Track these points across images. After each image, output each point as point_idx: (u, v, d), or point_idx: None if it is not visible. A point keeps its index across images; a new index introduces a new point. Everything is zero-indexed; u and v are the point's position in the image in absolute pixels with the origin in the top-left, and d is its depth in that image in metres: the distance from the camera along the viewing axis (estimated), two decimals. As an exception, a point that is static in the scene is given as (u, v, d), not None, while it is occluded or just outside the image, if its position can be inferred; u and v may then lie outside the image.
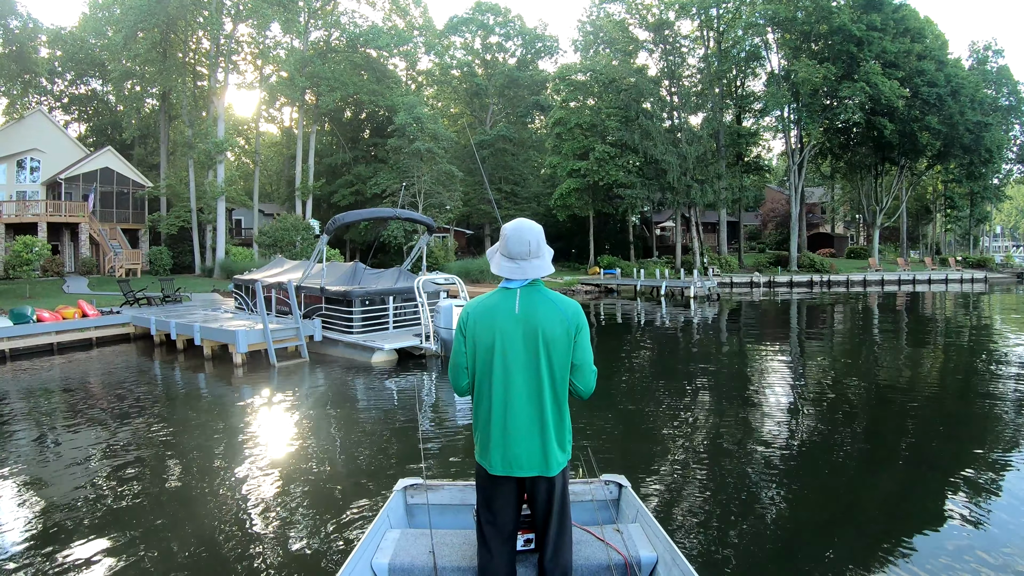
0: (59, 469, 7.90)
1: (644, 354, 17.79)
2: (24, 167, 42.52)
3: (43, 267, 33.93)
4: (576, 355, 3.07)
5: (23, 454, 8.58)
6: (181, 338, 17.15)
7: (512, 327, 3.03)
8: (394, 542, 3.68)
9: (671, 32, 49.45)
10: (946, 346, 18.46)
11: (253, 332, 14.77)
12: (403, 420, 10.04)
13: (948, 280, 47.15)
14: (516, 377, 3.02)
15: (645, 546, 3.61)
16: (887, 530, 5.95)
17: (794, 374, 14.12)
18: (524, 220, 3.18)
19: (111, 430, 9.68)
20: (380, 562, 3.48)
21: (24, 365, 15.79)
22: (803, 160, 50.48)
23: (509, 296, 3.08)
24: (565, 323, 3.03)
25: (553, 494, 3.08)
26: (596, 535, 3.71)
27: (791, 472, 7.54)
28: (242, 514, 6.40)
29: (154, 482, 7.40)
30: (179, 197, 44.11)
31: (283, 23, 41.49)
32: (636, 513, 4.02)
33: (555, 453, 3.03)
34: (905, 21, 47.06)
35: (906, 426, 9.83)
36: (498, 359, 3.03)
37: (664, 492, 6.89)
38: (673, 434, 9.31)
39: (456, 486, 4.29)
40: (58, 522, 6.17)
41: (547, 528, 3.12)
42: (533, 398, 3.01)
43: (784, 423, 9.78)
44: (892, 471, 7.70)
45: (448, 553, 3.54)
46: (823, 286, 43.83)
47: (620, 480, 4.36)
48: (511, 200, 55.25)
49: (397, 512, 4.12)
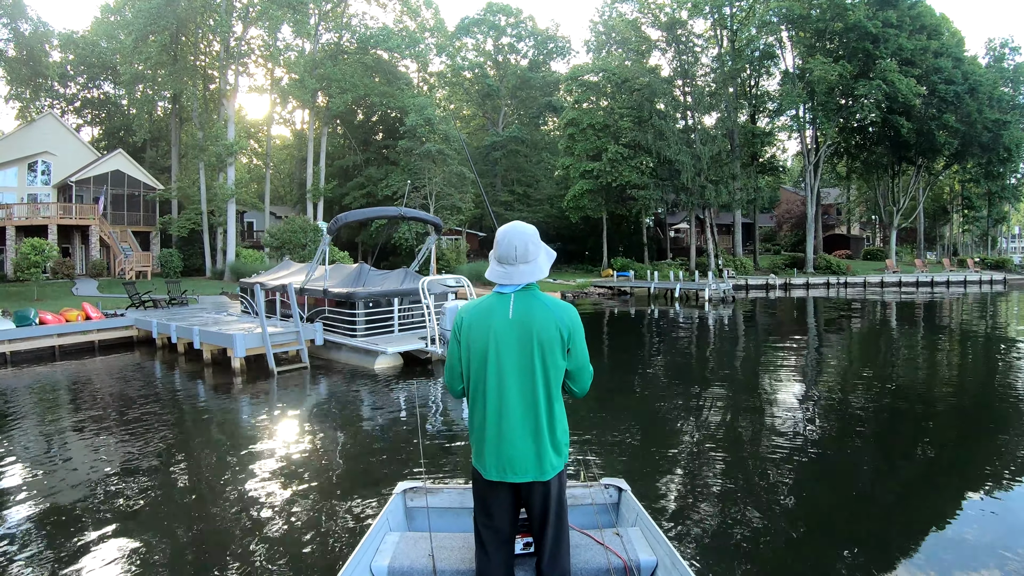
0: (39, 475, 7.61)
1: (654, 358, 17.36)
2: (35, 170, 42.62)
3: (53, 269, 33.95)
4: (572, 359, 3.03)
5: (4, 463, 8.31)
6: (182, 342, 16.84)
7: (506, 331, 2.97)
8: (393, 545, 3.67)
9: (684, 31, 48.98)
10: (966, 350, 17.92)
11: (252, 336, 14.39)
12: (403, 424, 9.91)
13: (967, 282, 46.43)
14: (510, 382, 2.96)
15: (645, 550, 3.57)
16: (893, 538, 5.86)
17: (805, 380, 13.75)
18: (515, 224, 3.11)
19: (98, 436, 9.44)
20: (379, 565, 3.46)
21: (23, 369, 15.55)
22: (819, 160, 49.84)
23: (503, 300, 3.03)
24: (559, 327, 2.96)
25: (549, 498, 3.03)
26: (596, 539, 3.68)
27: (794, 478, 7.41)
28: (238, 518, 6.36)
29: (148, 488, 7.25)
30: (190, 200, 43.99)
31: (294, 25, 41.32)
32: (636, 517, 3.98)
33: (550, 457, 2.99)
34: (921, 18, 46.35)
35: (918, 433, 9.53)
36: (492, 364, 2.98)
37: (665, 496, 6.81)
38: (677, 438, 9.22)
39: (456, 489, 4.27)
40: (49, 526, 6.05)
41: (544, 532, 3.07)
42: (528, 403, 2.96)
43: (791, 429, 9.51)
44: (902, 478, 7.48)
45: (448, 556, 3.51)
46: (840, 288, 43.25)
47: (620, 484, 4.31)
48: (523, 202, 54.86)
49: (397, 515, 4.11)
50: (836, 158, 56.00)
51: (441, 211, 43.83)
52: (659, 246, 59.20)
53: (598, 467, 7.51)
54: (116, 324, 19.35)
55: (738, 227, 53.09)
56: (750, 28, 49.07)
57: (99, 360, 16.86)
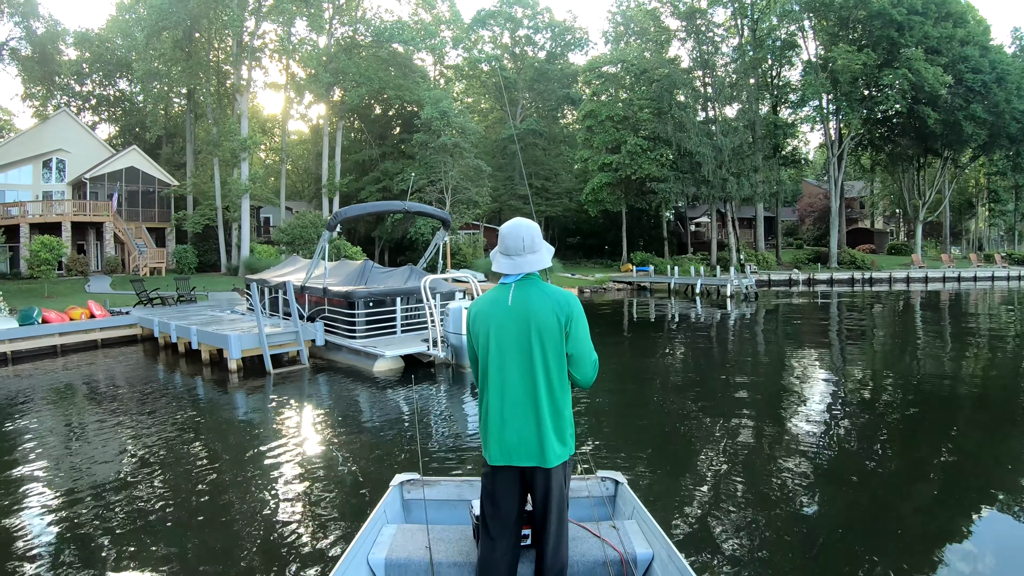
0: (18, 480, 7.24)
1: (671, 353, 16.82)
2: (50, 167, 42.59)
3: (67, 266, 33.86)
4: (571, 345, 3.08)
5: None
6: (182, 341, 16.42)
7: (505, 319, 3.08)
8: (391, 537, 3.66)
9: (704, 21, 48.07)
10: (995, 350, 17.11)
11: (248, 336, 13.90)
12: (398, 424, 9.80)
13: (995, 277, 45.28)
14: (511, 367, 3.05)
15: (641, 543, 3.58)
16: (893, 531, 5.78)
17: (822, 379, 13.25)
18: (519, 219, 3.24)
19: (82, 439, 9.23)
20: (377, 557, 3.47)
21: (23, 368, 15.25)
22: (842, 152, 48.74)
23: (504, 290, 3.15)
24: (556, 312, 3.04)
25: (551, 488, 3.05)
26: (592, 531, 3.68)
27: (793, 473, 7.30)
28: (234, 512, 6.38)
29: (144, 486, 7.21)
30: (205, 195, 43.82)
31: (308, 19, 40.93)
32: (632, 510, 3.97)
33: (552, 444, 3.01)
34: (947, 5, 44.98)
35: (936, 437, 8.99)
36: (493, 351, 3.08)
37: (662, 489, 6.79)
38: (678, 432, 9.18)
39: (453, 481, 4.24)
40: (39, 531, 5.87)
41: (545, 523, 3.10)
42: (528, 388, 3.03)
43: (796, 426, 9.29)
44: (905, 476, 7.27)
45: (445, 548, 3.51)
46: (864, 284, 42.33)
47: (617, 477, 4.30)
48: (542, 195, 54.12)
49: (394, 507, 4.09)
50: (860, 150, 54.74)
51: (458, 205, 43.31)
52: (679, 240, 58.33)
53: (596, 459, 7.23)
54: (119, 323, 19.05)
55: (760, 221, 52.12)
56: (771, 17, 47.99)
57: (99, 360, 16.53)
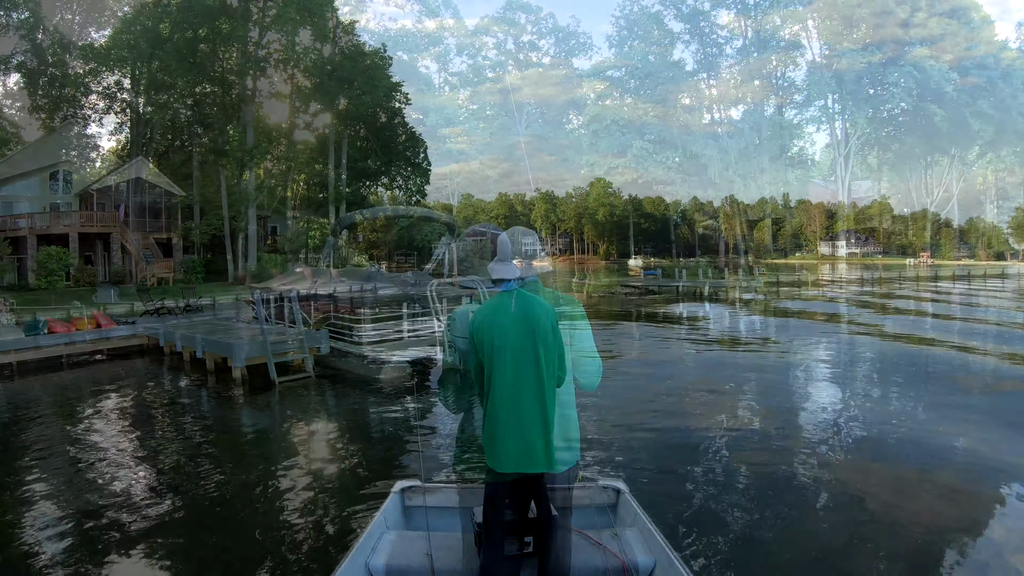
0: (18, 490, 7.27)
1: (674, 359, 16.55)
2: (57, 179, 42.65)
3: (75, 277, 33.91)
4: (563, 350, 3.18)
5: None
6: (187, 350, 16.31)
7: (510, 325, 3.13)
8: (391, 544, 3.65)
9: (707, 23, 48.04)
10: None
11: (253, 345, 13.79)
12: (402, 429, 9.81)
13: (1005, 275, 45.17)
14: (517, 375, 3.08)
15: (642, 551, 3.56)
16: (898, 545, 5.69)
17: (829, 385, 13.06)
18: (516, 227, 3.42)
19: (88, 448, 9.26)
20: (377, 564, 3.46)
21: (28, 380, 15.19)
22: (849, 150, 48.57)
23: (506, 298, 3.23)
24: (551, 317, 3.15)
25: (556, 494, 3.14)
26: (593, 539, 3.63)
27: (795, 484, 7.23)
28: (236, 518, 6.44)
29: (147, 493, 7.25)
30: (211, 205, 43.87)
31: (313, 29, 41.01)
32: (634, 518, 3.94)
33: (559, 451, 3.07)
34: (951, 1, 44.84)
35: (933, 441, 8.92)
36: (499, 359, 3.11)
37: (664, 497, 6.70)
38: (680, 440, 9.03)
39: (454, 488, 4.24)
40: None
41: (548, 530, 3.15)
42: (535, 396, 3.06)
43: (799, 435, 9.15)
44: (912, 487, 7.19)
45: (445, 556, 3.48)
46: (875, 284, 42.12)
47: (618, 485, 4.28)
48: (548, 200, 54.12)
49: (394, 514, 4.07)
50: (867, 149, 54.59)
51: (465, 210, 43.36)
52: (687, 243, 58.22)
53: (598, 467, 7.43)
54: (125, 332, 18.97)
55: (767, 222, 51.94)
56: (775, 17, 47.89)
57: (105, 370, 16.50)
